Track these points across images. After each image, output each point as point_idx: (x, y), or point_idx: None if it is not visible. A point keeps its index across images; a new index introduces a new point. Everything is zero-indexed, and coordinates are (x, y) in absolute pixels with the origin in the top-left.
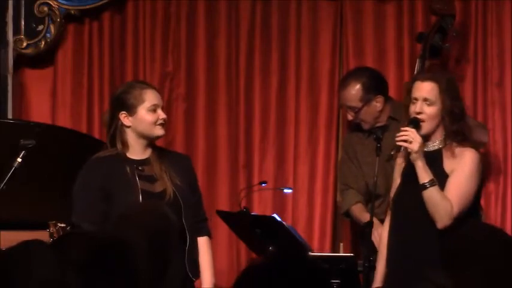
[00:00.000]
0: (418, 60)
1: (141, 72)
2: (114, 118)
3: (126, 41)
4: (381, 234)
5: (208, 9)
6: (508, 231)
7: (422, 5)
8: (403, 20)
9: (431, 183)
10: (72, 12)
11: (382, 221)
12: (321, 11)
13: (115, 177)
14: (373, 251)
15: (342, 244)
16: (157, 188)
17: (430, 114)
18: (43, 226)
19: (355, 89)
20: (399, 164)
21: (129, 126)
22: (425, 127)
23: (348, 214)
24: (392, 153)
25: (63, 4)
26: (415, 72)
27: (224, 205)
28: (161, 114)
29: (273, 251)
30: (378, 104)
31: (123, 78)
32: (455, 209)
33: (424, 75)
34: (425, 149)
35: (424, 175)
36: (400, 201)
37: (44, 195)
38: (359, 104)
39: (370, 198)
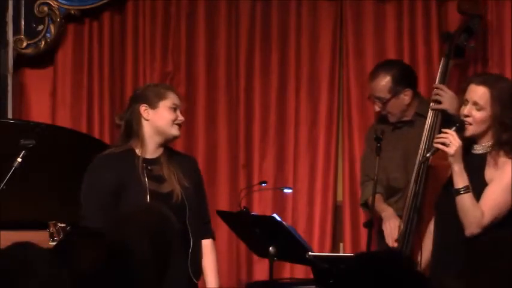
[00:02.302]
0: (442, 59)
1: (141, 72)
2: (133, 111)
3: (126, 41)
4: (395, 227)
5: (208, 9)
6: None
7: (422, 5)
8: (403, 20)
9: (465, 189)
10: (72, 12)
11: (399, 217)
12: (321, 11)
13: (125, 174)
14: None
15: (341, 244)
16: (165, 188)
17: (477, 119)
18: (43, 226)
19: (385, 80)
20: None
21: (147, 120)
22: (471, 130)
23: (366, 205)
24: (427, 155)
25: (63, 4)
26: (439, 71)
27: (224, 205)
28: (180, 115)
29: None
30: (406, 97)
31: (123, 78)
32: (486, 219)
33: (479, 78)
34: (473, 151)
35: (459, 180)
36: (442, 204)
37: (44, 195)
38: (387, 96)
39: (390, 192)
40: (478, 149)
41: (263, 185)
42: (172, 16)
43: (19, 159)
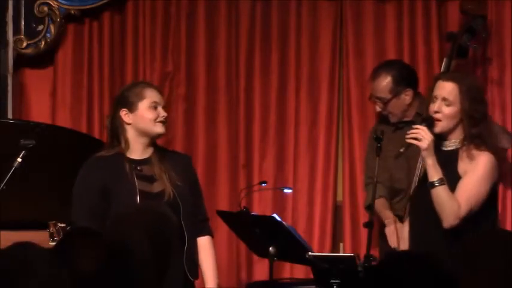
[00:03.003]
0: (445, 59)
1: (141, 72)
2: (115, 116)
3: (126, 41)
4: (396, 231)
5: (208, 9)
6: None
7: (422, 5)
8: (403, 20)
9: (440, 182)
10: (72, 12)
11: (399, 217)
12: (321, 11)
13: (114, 176)
14: (386, 248)
15: (342, 244)
16: (156, 188)
17: (447, 114)
18: (43, 226)
19: (386, 81)
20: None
21: (129, 124)
22: (441, 126)
23: (370, 208)
24: (401, 150)
25: (63, 4)
26: (441, 71)
27: (224, 205)
28: (161, 112)
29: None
30: (406, 97)
31: (123, 78)
32: (463, 210)
33: (447, 75)
34: (443, 148)
35: (433, 173)
36: (417, 200)
37: (44, 195)
38: (388, 96)
39: (393, 193)
40: (448, 145)
41: (263, 185)
42: (172, 16)
43: (19, 159)
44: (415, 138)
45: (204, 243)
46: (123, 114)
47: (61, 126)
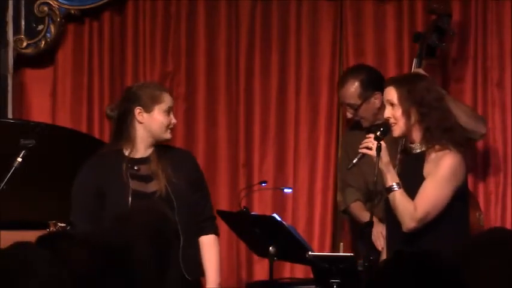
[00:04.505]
0: (415, 60)
1: (141, 72)
2: (127, 112)
3: (126, 41)
4: (380, 233)
5: (208, 9)
6: None
7: (422, 5)
8: (403, 20)
9: (395, 186)
10: (72, 12)
11: (380, 220)
12: (321, 11)
13: (109, 176)
14: (373, 250)
15: (342, 244)
16: (151, 188)
17: (396, 117)
18: (43, 226)
19: (354, 87)
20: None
21: (141, 123)
22: (398, 129)
23: (346, 212)
24: (354, 161)
25: (63, 4)
26: (412, 71)
27: (224, 205)
28: (173, 119)
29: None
30: (376, 100)
31: (123, 78)
32: (419, 213)
33: (389, 80)
34: (412, 152)
35: (388, 178)
36: (388, 204)
37: (44, 195)
38: (358, 101)
39: (370, 197)
40: (416, 148)
41: (263, 184)
42: (172, 16)
43: (19, 159)
44: (367, 148)
45: (207, 241)
46: (137, 112)
47: (61, 126)
